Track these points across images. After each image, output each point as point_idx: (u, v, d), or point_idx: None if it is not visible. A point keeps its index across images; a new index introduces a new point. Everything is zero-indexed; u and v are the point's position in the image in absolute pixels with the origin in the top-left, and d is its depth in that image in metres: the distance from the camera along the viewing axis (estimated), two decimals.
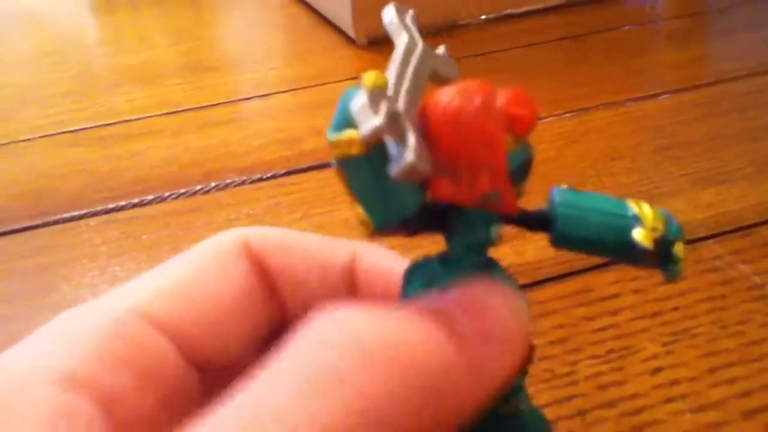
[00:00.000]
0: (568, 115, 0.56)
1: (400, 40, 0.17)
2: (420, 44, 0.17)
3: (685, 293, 0.37)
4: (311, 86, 0.65)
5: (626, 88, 0.60)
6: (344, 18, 0.74)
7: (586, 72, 0.64)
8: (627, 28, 0.73)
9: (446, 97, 0.16)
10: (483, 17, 0.76)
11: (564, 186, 0.18)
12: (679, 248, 0.17)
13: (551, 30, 0.74)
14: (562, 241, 0.18)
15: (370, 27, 0.72)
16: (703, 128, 0.53)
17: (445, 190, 0.15)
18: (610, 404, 0.32)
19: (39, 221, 0.47)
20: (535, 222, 0.18)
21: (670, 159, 0.49)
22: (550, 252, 0.41)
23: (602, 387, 0.32)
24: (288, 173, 0.51)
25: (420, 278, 0.18)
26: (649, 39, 0.73)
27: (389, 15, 0.18)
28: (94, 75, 0.72)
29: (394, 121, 0.14)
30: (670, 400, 0.32)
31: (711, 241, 0.41)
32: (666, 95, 0.58)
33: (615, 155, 0.50)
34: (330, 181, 0.49)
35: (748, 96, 0.58)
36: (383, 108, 0.14)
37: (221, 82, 0.67)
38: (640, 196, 0.45)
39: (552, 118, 0.56)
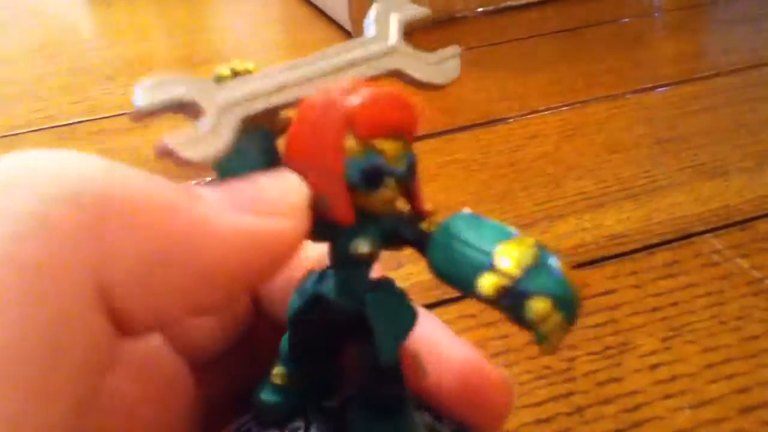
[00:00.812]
0: (565, 108, 0.56)
1: (357, 39, 0.16)
2: (385, 43, 0.17)
3: (684, 288, 0.37)
4: None
5: (625, 81, 0.59)
6: (340, 11, 0.73)
7: (584, 65, 0.63)
8: (626, 20, 0.73)
9: (314, 95, 0.15)
10: (480, 9, 0.75)
11: (466, 211, 0.15)
12: (538, 306, 0.13)
13: (549, 22, 0.73)
14: (434, 270, 0.15)
15: None
16: (703, 121, 0.53)
17: None
18: (608, 401, 0.31)
19: None
20: (418, 244, 0.16)
21: (669, 152, 0.49)
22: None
23: (600, 384, 0.32)
24: None
25: (299, 291, 0.17)
26: (648, 31, 0.72)
27: (370, 15, 0.17)
28: (89, 68, 0.71)
29: (177, 104, 0.14)
30: (668, 396, 0.31)
31: (710, 235, 0.41)
32: (665, 88, 0.58)
33: (613, 149, 0.50)
34: None
35: (747, 88, 0.57)
36: (179, 90, 0.14)
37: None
38: (639, 190, 0.45)
39: (549, 112, 0.55)
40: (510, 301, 0.14)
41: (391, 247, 0.16)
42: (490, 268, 0.14)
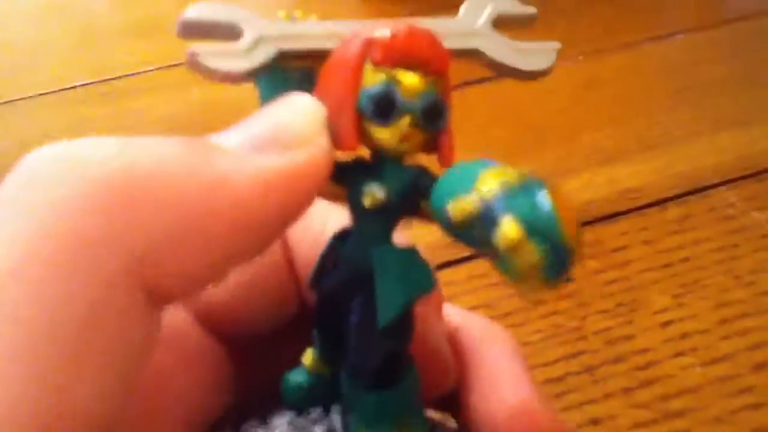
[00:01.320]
0: (580, 58, 0.54)
1: None
2: (470, 24, 0.16)
3: (697, 243, 0.37)
4: None
5: (641, 27, 0.58)
6: None
7: (599, 11, 0.62)
8: None
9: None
10: None
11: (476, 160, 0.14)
12: (506, 229, 0.11)
13: None
14: (435, 219, 0.14)
15: None
16: (719, 69, 0.51)
17: None
18: (619, 359, 0.31)
19: None
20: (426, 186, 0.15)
21: (686, 102, 0.48)
22: None
23: (611, 342, 0.32)
24: None
25: (321, 253, 0.16)
26: None
27: (465, 4, 0.17)
28: (96, 29, 0.71)
29: (219, 23, 0.15)
30: (679, 354, 0.31)
31: (724, 187, 0.40)
32: (683, 35, 0.56)
33: (629, 100, 0.49)
34: None
35: (763, 35, 0.56)
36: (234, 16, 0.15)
37: None
38: (654, 141, 0.44)
39: (564, 63, 0.54)
40: (480, 227, 0.12)
41: (412, 204, 0.15)
42: (465, 192, 0.12)
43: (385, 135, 0.14)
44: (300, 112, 0.14)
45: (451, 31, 0.16)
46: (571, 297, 0.34)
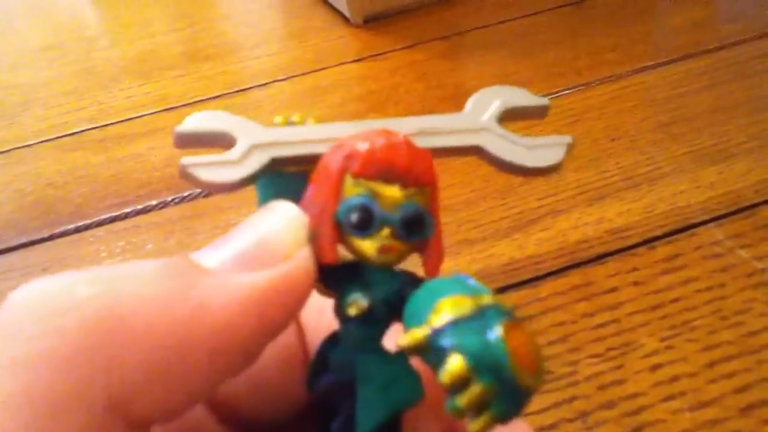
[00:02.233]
0: (568, 92, 0.55)
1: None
2: (475, 120, 0.16)
3: (686, 283, 0.37)
4: (308, 72, 0.64)
5: (629, 58, 0.59)
6: None
7: (588, 41, 0.63)
8: None
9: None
10: None
11: (461, 274, 0.14)
12: (453, 365, 0.11)
13: None
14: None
15: (365, 6, 0.71)
16: (706, 99, 0.52)
17: None
18: (611, 405, 0.32)
19: (46, 234, 0.48)
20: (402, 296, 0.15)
21: (672, 136, 0.49)
22: (551, 246, 0.41)
23: (602, 387, 0.33)
24: None
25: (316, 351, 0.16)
26: (654, 1, 0.71)
27: (473, 97, 0.17)
28: (94, 70, 0.72)
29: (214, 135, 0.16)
30: (669, 398, 0.32)
31: (712, 224, 0.41)
32: (669, 65, 0.57)
33: (616, 134, 0.50)
34: None
35: (753, 61, 0.57)
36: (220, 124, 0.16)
37: (219, 72, 0.67)
38: (641, 178, 0.45)
39: (551, 97, 0.55)
40: (429, 357, 0.12)
41: (399, 312, 0.15)
42: (420, 323, 0.12)
43: (365, 246, 0.14)
44: (282, 223, 0.15)
45: (453, 127, 0.16)
46: (563, 342, 0.35)
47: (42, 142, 0.59)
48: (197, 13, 0.84)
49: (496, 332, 0.11)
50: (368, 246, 0.14)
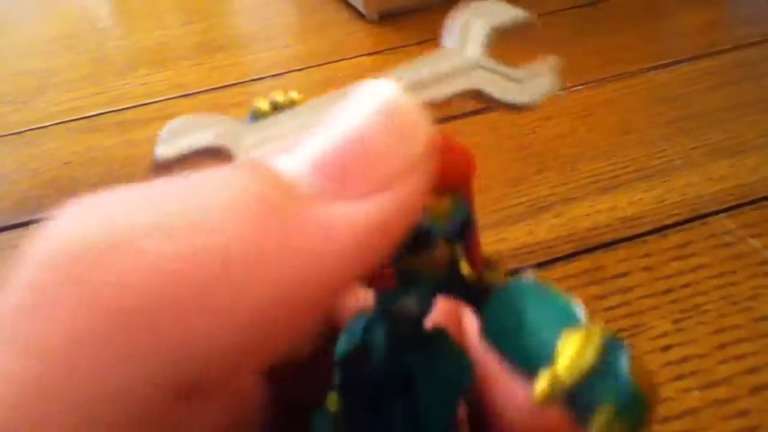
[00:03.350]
0: (580, 87, 0.56)
1: None
2: (465, 57, 0.15)
3: (696, 269, 0.38)
4: (323, 64, 0.65)
5: (641, 57, 0.59)
6: None
7: (600, 41, 0.63)
8: None
9: None
10: None
11: (529, 277, 0.14)
12: (600, 418, 0.12)
13: None
14: (485, 335, 0.14)
15: (380, 1, 0.71)
16: (718, 98, 0.53)
17: None
18: None
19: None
20: (471, 302, 0.14)
21: (684, 131, 0.49)
22: (562, 231, 0.41)
23: None
24: None
25: (346, 334, 0.16)
26: (667, 2, 0.72)
27: (454, 21, 0.15)
28: (109, 58, 0.72)
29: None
30: (679, 377, 0.32)
31: (723, 215, 0.41)
32: (681, 64, 0.58)
33: (627, 129, 0.50)
34: None
35: (764, 63, 0.57)
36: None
37: (234, 62, 0.68)
38: (653, 170, 0.46)
39: (564, 92, 0.56)
40: (569, 407, 0.12)
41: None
42: (547, 364, 0.12)
43: (424, 262, 0.14)
44: (392, 123, 0.12)
45: (445, 71, 0.15)
46: None
47: (56, 124, 0.60)
48: (210, 7, 0.85)
49: (628, 372, 0.12)
50: (427, 261, 0.14)
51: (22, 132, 0.59)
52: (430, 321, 0.15)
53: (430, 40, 0.66)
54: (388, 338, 0.15)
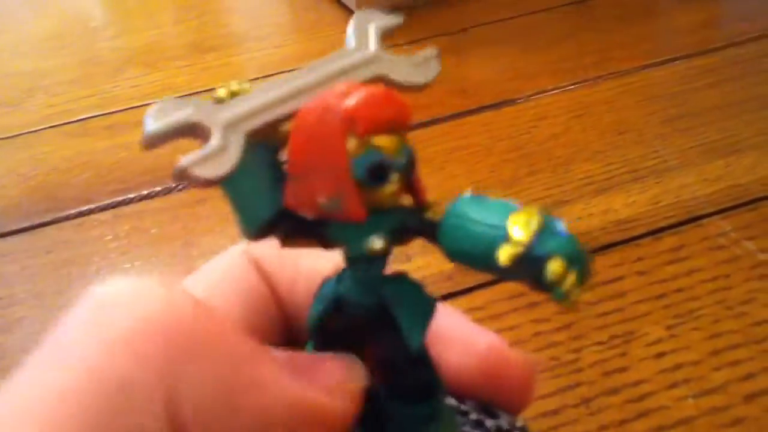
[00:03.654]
0: (574, 86, 0.55)
1: (337, 51, 0.17)
2: (367, 51, 0.17)
3: (690, 273, 0.37)
4: None
5: (635, 56, 0.59)
6: None
7: (594, 39, 0.63)
8: None
9: (309, 102, 0.16)
10: None
11: (468, 193, 0.16)
12: (554, 267, 0.14)
13: None
14: (448, 254, 0.16)
15: (372, 1, 0.71)
16: (713, 96, 0.52)
17: (288, 199, 0.16)
18: (614, 391, 0.32)
19: (50, 218, 0.48)
20: (426, 233, 0.16)
21: (679, 130, 0.49)
22: None
23: (606, 373, 0.33)
24: None
25: (318, 298, 0.18)
26: (660, 0, 0.71)
27: (349, 28, 0.17)
28: (99, 59, 0.72)
29: (183, 126, 0.15)
30: (673, 385, 0.32)
31: (717, 216, 0.41)
32: (676, 62, 0.57)
33: (622, 128, 0.50)
34: None
35: (759, 60, 0.56)
36: (184, 112, 0.15)
37: (225, 63, 0.67)
38: (647, 170, 0.45)
39: (557, 91, 0.55)
40: (527, 267, 0.14)
41: (401, 241, 0.17)
42: (505, 239, 0.14)
43: (381, 195, 0.15)
44: (348, 371, 0.17)
45: (354, 62, 0.17)
46: (567, 329, 0.35)
47: (47, 128, 0.59)
48: (203, 5, 0.84)
49: (567, 231, 0.14)
50: (386, 193, 0.16)
51: (12, 137, 0.59)
52: None
53: (422, 39, 0.66)
54: (359, 281, 0.17)
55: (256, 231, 0.16)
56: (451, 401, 0.20)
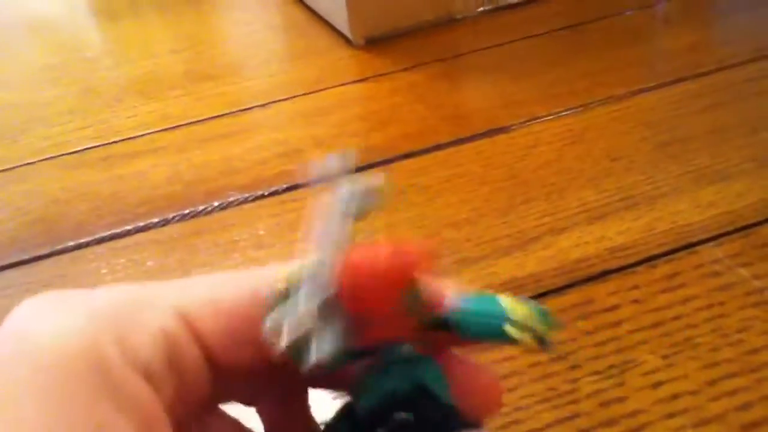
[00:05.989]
0: (567, 112, 0.56)
1: (325, 208, 0.19)
2: (347, 191, 0.19)
3: (685, 301, 0.37)
4: (310, 92, 0.65)
5: (626, 80, 0.59)
6: (340, 18, 0.74)
7: (586, 64, 0.63)
8: (628, 13, 0.72)
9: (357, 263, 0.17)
10: (480, 9, 0.75)
11: (468, 294, 0.20)
12: (549, 335, 0.19)
13: (550, 19, 0.73)
14: (465, 338, 0.19)
15: (367, 27, 0.72)
16: (704, 121, 0.53)
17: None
18: (612, 422, 0.32)
19: (46, 251, 0.48)
20: (442, 328, 0.20)
21: (671, 156, 0.49)
22: (551, 263, 0.41)
23: (604, 404, 0.33)
24: (290, 188, 0.51)
25: (363, 392, 0.19)
26: (651, 24, 0.72)
27: (318, 172, 0.19)
28: (96, 89, 0.72)
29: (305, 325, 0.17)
30: (671, 415, 0.32)
31: (711, 244, 0.41)
32: (666, 86, 0.58)
33: (615, 155, 0.50)
34: None
35: (749, 83, 0.57)
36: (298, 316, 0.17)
37: (221, 92, 0.68)
38: (641, 197, 0.46)
39: (550, 117, 0.56)
40: (537, 340, 0.19)
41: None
42: (508, 323, 0.19)
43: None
44: None
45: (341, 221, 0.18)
46: (563, 359, 0.35)
47: (44, 160, 0.59)
48: (198, 34, 0.85)
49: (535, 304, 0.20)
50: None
51: (11, 169, 0.59)
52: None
53: (417, 66, 0.66)
54: (406, 373, 0.19)
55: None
56: None
